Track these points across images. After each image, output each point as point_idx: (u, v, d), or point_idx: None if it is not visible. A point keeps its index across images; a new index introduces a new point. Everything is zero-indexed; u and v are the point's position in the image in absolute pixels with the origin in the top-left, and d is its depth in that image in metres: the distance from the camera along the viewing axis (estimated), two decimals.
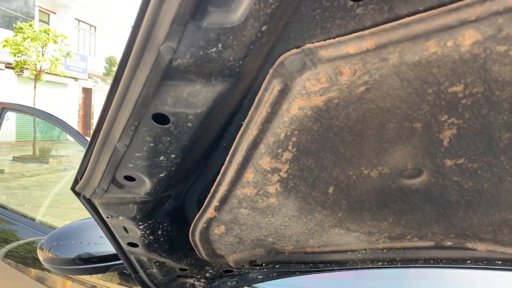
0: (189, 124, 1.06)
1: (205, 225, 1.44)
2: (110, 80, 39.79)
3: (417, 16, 0.83)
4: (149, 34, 0.86)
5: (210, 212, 1.37)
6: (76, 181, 1.36)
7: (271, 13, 0.81)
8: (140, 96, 0.99)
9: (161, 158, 1.16)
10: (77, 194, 1.41)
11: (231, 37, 0.85)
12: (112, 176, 1.25)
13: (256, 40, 0.87)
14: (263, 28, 0.84)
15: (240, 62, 0.91)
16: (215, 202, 1.33)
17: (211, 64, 0.92)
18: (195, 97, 1.00)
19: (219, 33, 0.85)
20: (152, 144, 1.12)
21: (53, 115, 4.32)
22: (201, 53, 0.89)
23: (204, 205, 1.37)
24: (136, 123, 1.06)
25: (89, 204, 1.43)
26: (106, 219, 1.50)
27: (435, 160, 1.20)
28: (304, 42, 0.90)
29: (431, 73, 0.93)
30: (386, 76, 0.95)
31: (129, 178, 1.27)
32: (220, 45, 0.87)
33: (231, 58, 0.90)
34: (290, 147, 1.14)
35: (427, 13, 0.82)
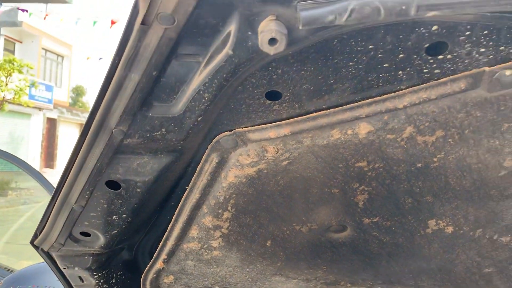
0: (138, 190, 1.22)
1: (155, 275, 1.57)
2: (76, 111, 39.16)
3: (321, 112, 1.04)
4: (103, 120, 1.03)
5: (159, 264, 1.51)
6: (35, 235, 1.47)
7: (205, 108, 1.00)
8: (95, 167, 1.14)
9: (114, 217, 1.31)
10: (36, 247, 1.52)
11: (172, 124, 1.04)
12: (69, 232, 1.38)
13: (194, 126, 1.05)
14: (199, 119, 1.02)
15: (182, 141, 1.09)
16: (164, 255, 1.47)
17: (156, 143, 1.09)
18: (143, 168, 1.16)
19: (162, 121, 1.03)
20: (105, 206, 1.27)
21: (5, 152, 4.29)
22: (148, 135, 1.06)
23: (153, 257, 1.50)
24: (91, 188, 1.21)
25: (47, 256, 1.54)
26: (63, 270, 1.60)
27: (354, 218, 1.40)
28: (235, 127, 1.09)
29: (339, 152, 1.14)
30: (303, 154, 1.15)
31: (85, 234, 1.39)
32: (163, 130, 1.05)
33: (174, 139, 1.08)
34: (229, 208, 1.31)
35: (328, 110, 1.03)
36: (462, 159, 1.15)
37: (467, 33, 0.85)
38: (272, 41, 0.77)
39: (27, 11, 25.82)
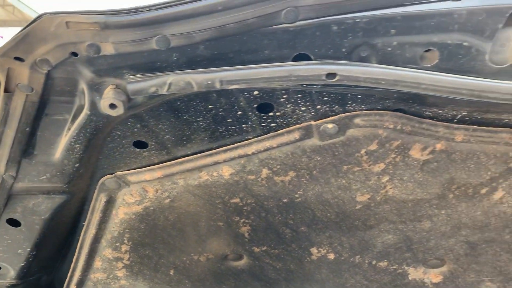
0: (37, 226, 1.35)
1: None
2: None
3: (186, 158, 1.20)
4: None
5: None
6: None
7: (79, 157, 1.15)
8: None
9: (19, 251, 1.43)
10: None
11: (54, 170, 1.19)
12: None
13: (74, 171, 1.20)
14: (77, 165, 1.18)
15: (67, 184, 1.24)
16: (73, 285, 1.59)
17: (45, 185, 1.24)
18: (39, 207, 1.30)
19: (45, 167, 1.18)
20: (9, 241, 1.39)
21: None
22: (35, 179, 1.21)
23: (64, 287, 1.62)
24: None
25: None
26: None
27: (245, 248, 1.55)
28: (115, 170, 1.25)
29: (212, 191, 1.30)
30: (181, 193, 1.30)
31: None
32: (48, 174, 1.20)
33: (59, 182, 1.23)
34: (126, 241, 1.45)
35: (192, 156, 1.20)
36: (320, 195, 1.32)
37: (285, 96, 1.03)
38: (112, 106, 0.94)
39: None
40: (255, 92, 1.02)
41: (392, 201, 1.33)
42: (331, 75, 0.88)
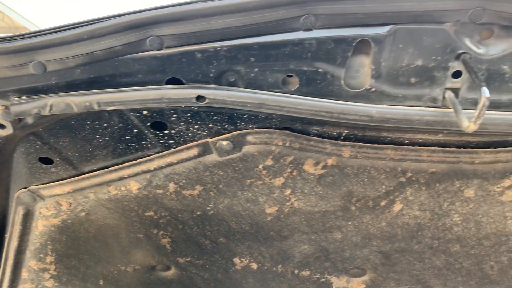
0: None
1: None
2: None
3: (93, 173, 1.26)
4: None
5: None
6: None
7: None
8: None
9: None
10: None
11: None
12: None
13: None
14: None
15: None
16: None
17: None
18: None
19: None
20: None
21: None
22: None
23: None
24: None
25: None
26: None
27: (170, 259, 1.60)
28: (28, 185, 1.30)
29: (124, 204, 1.36)
30: (94, 206, 1.35)
31: None
32: None
33: None
34: (50, 252, 1.50)
35: (97, 172, 1.25)
36: (231, 207, 1.38)
37: (175, 115, 1.09)
38: (1, 126, 1.00)
39: None
40: (145, 112, 1.08)
41: (300, 212, 1.39)
42: (200, 98, 0.94)
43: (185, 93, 0.94)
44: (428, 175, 1.23)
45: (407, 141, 1.17)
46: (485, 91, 0.82)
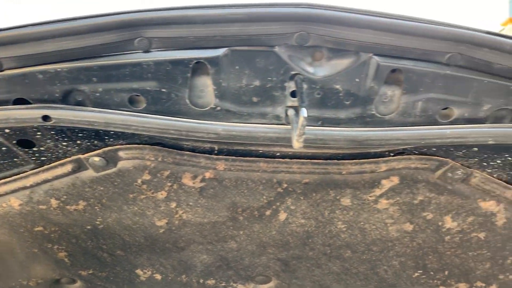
0: None
1: None
2: None
3: None
4: None
5: None
6: None
7: None
8: None
9: None
10: None
11: None
12: None
13: None
14: None
15: None
16: None
17: None
18: None
19: None
20: None
21: None
22: None
23: None
24: None
25: None
26: None
27: (71, 272, 1.60)
28: None
29: (10, 220, 1.35)
30: None
31: None
32: None
33: None
34: None
35: None
36: (120, 221, 1.39)
37: (38, 133, 1.10)
38: None
39: None
40: (6, 130, 1.08)
41: (190, 224, 1.41)
42: (47, 117, 0.96)
43: (30, 113, 0.95)
44: (302, 186, 1.28)
45: (278, 154, 1.21)
46: (304, 112, 0.86)
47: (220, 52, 0.91)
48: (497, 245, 1.46)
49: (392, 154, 1.20)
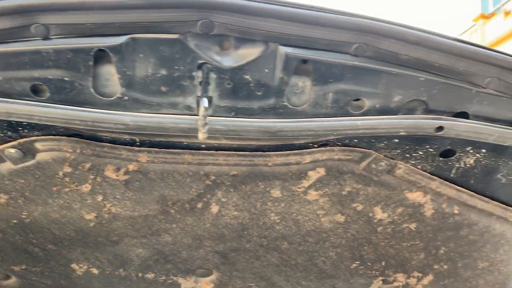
0: None
1: None
2: None
3: None
4: None
5: None
6: None
7: None
8: None
9: None
10: None
11: None
12: None
13: None
14: None
15: None
16: None
17: None
18: None
19: None
20: None
21: None
22: None
23: None
24: None
25: None
26: None
27: (4, 267, 1.56)
28: None
29: None
30: None
31: None
32: None
33: None
34: None
35: None
36: (47, 215, 1.35)
37: None
38: None
39: None
40: None
41: (121, 217, 1.38)
42: None
43: None
44: (231, 178, 1.26)
45: (203, 146, 1.20)
46: (204, 101, 0.84)
47: (121, 39, 0.88)
48: (429, 235, 1.48)
49: (316, 146, 1.20)
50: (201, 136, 0.90)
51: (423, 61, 0.94)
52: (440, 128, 1.02)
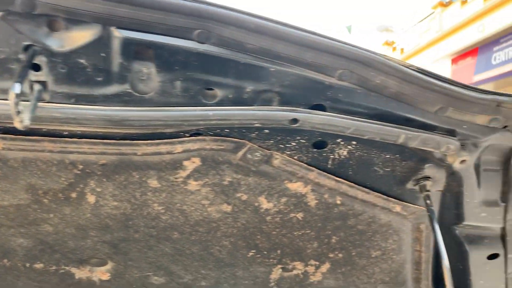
0: None
1: None
2: None
3: None
4: None
5: None
6: None
7: None
8: None
9: None
10: None
11: None
12: None
13: None
14: None
15: None
16: None
17: None
18: None
19: None
20: None
21: None
22: None
23: None
24: None
25: None
26: None
27: None
28: None
29: None
30: None
31: None
32: None
33: None
34: None
35: None
36: None
37: None
38: None
39: None
40: None
41: None
42: None
43: None
44: (100, 167, 1.20)
45: (66, 133, 1.12)
46: (16, 87, 0.77)
47: None
48: (318, 225, 1.48)
49: (187, 135, 1.15)
50: (18, 125, 0.82)
51: (269, 51, 0.89)
52: (294, 121, 0.99)
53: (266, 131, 1.11)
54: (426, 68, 1.04)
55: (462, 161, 1.19)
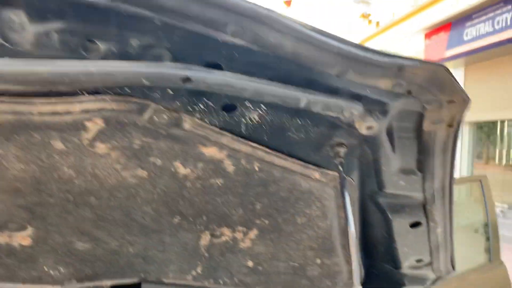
0: None
1: None
2: None
3: None
4: None
5: None
6: None
7: None
8: None
9: None
10: None
11: None
12: None
13: None
14: None
15: None
16: None
17: None
18: None
19: None
20: None
21: None
22: None
23: None
24: None
25: None
26: None
27: None
28: None
29: None
30: None
31: None
32: None
33: None
34: None
35: None
36: None
37: None
38: None
39: None
40: None
41: None
42: None
43: None
44: None
45: None
46: None
47: None
48: (239, 191, 1.46)
49: (86, 93, 1.08)
50: None
51: (152, 1, 0.83)
52: (187, 79, 0.94)
53: (170, 92, 1.06)
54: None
55: (369, 127, 1.17)
